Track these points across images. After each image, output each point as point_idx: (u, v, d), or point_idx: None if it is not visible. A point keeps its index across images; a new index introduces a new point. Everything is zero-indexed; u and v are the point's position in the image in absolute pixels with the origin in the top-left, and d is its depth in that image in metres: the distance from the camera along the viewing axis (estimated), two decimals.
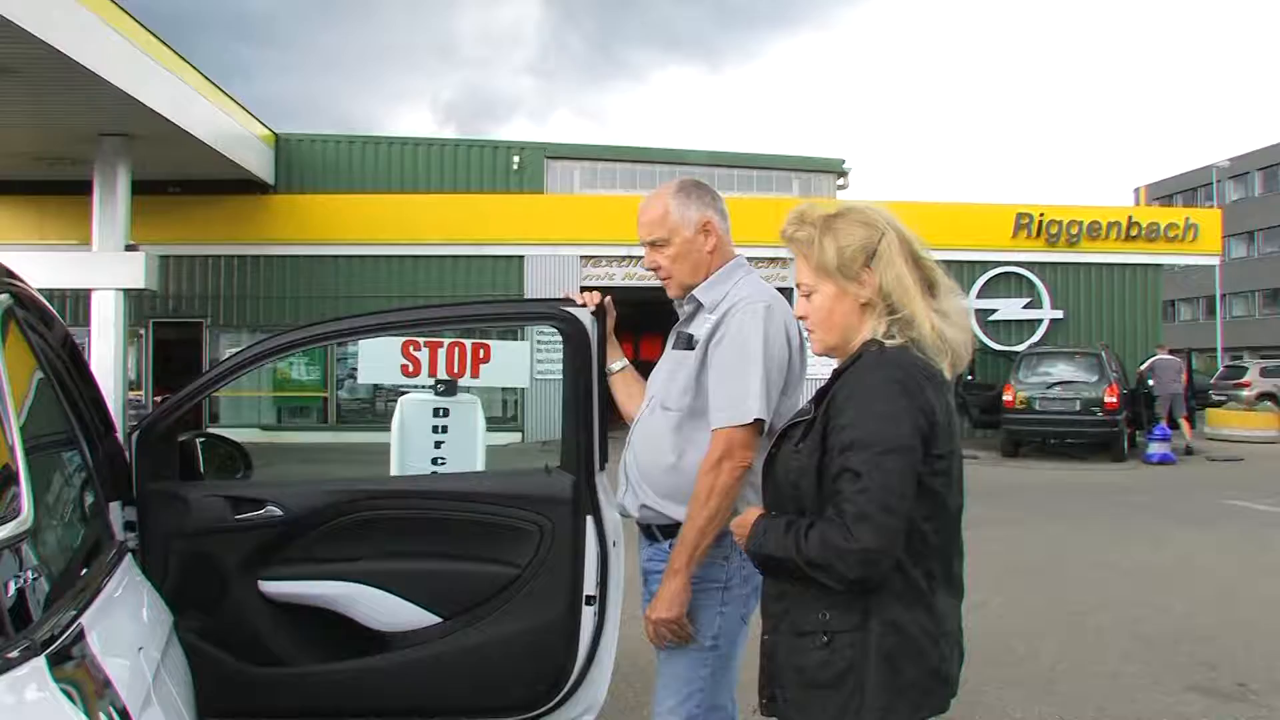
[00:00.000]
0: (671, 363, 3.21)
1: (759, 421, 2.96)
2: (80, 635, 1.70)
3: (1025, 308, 25.04)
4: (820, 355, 2.51)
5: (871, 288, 2.35)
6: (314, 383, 24.37)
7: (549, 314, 3.53)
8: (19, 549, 1.56)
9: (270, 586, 3.42)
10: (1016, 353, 22.95)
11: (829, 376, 2.38)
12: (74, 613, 1.73)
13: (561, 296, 3.55)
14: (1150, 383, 20.89)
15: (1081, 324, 25.22)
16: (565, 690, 3.43)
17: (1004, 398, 20.36)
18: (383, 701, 3.44)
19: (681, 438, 3.11)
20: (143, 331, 23.56)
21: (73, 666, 1.54)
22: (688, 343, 3.16)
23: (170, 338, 24.10)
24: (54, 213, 22.28)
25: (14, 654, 1.42)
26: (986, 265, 24.71)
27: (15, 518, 1.54)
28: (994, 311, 24.76)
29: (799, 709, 2.31)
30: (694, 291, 3.20)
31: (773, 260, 19.27)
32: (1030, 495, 14.64)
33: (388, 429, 5.60)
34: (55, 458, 2.32)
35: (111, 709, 1.57)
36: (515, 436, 22.59)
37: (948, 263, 2.52)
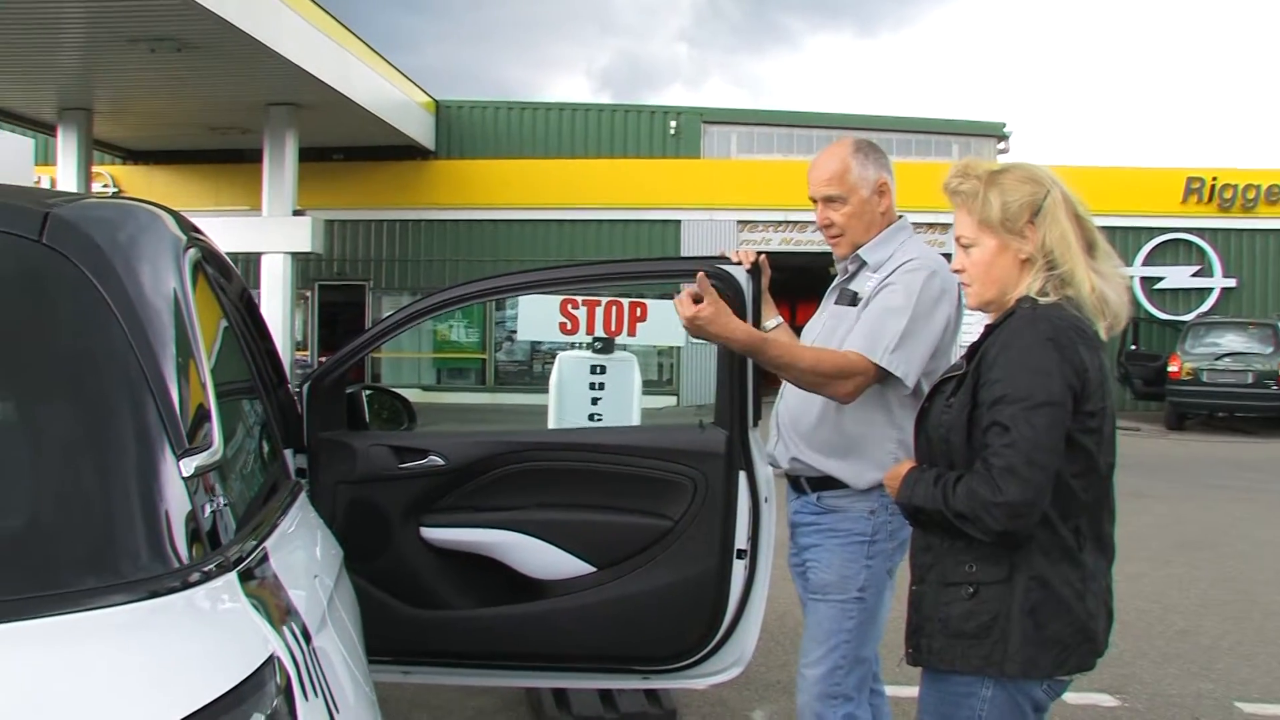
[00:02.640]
0: (831, 318, 3.23)
1: (879, 369, 2.97)
2: (265, 558, 1.84)
3: (1194, 276, 24.01)
4: (975, 309, 2.53)
5: (1034, 244, 2.35)
6: (473, 345, 24.93)
7: (704, 271, 3.56)
8: (210, 478, 1.70)
9: (431, 532, 3.54)
10: (1184, 322, 22.09)
11: (981, 332, 2.40)
12: (256, 541, 1.86)
13: (717, 255, 3.59)
14: None
15: (1256, 293, 24.06)
16: (714, 642, 3.47)
17: (1169, 368, 19.65)
18: (535, 647, 3.54)
19: None
20: (308, 294, 24.43)
21: (257, 585, 1.68)
22: (851, 299, 3.17)
23: (334, 300, 24.93)
24: (227, 180, 23.24)
25: (210, 568, 1.56)
26: (1153, 232, 23.76)
27: (209, 448, 1.68)
28: (1160, 280, 23.84)
29: (943, 658, 2.34)
30: (859, 251, 3.21)
31: (932, 225, 18.91)
32: (1195, 469, 14.12)
33: (544, 390, 5.71)
34: (238, 401, 2.48)
35: (293, 625, 1.71)
36: (670, 400, 22.75)
37: (1112, 229, 2.50)
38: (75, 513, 1.55)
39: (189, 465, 1.60)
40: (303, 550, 2.28)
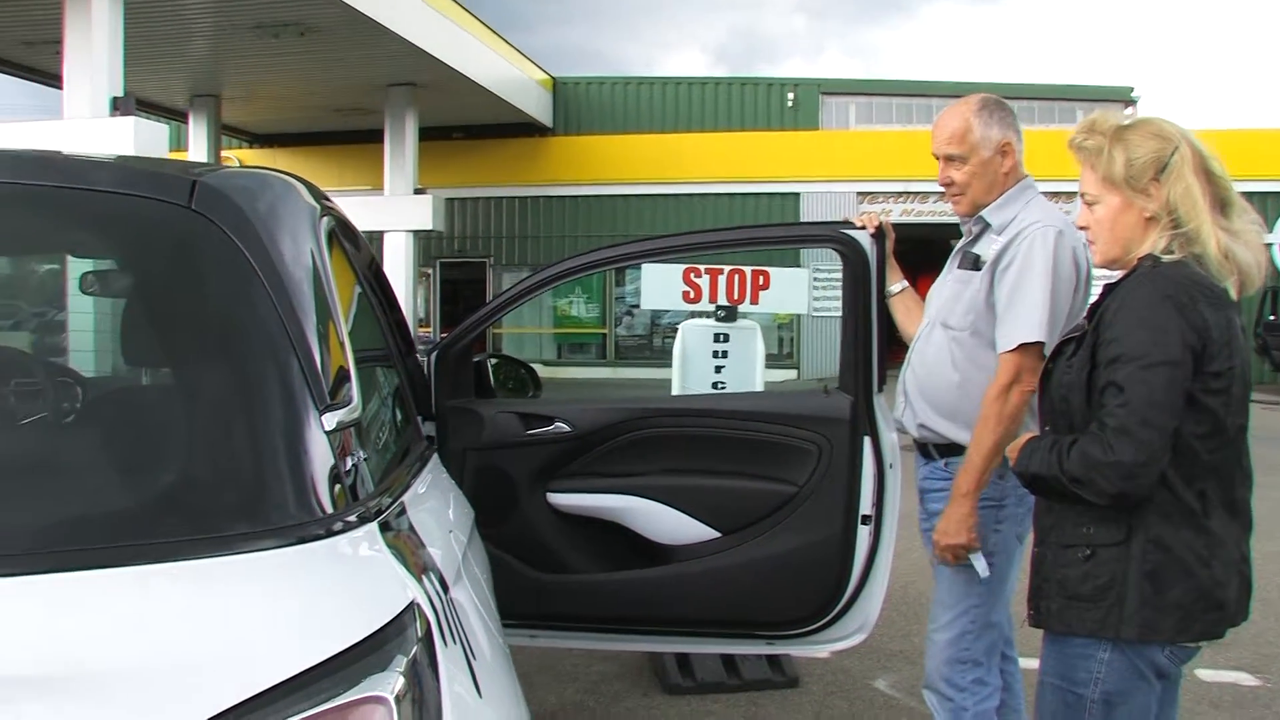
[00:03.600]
0: (956, 282, 3.19)
1: (1043, 345, 2.93)
2: (403, 511, 1.91)
3: None
4: (1100, 267, 2.51)
5: (1158, 201, 2.29)
6: (593, 319, 25.13)
7: (828, 236, 3.54)
8: (350, 434, 1.76)
9: (557, 498, 3.58)
10: None
11: (1101, 291, 2.36)
12: (393, 497, 1.93)
13: (841, 220, 3.57)
14: None
15: None
16: (839, 608, 3.47)
17: None
18: (661, 611, 3.56)
19: (963, 357, 3.11)
20: (430, 271, 24.91)
21: (395, 536, 1.74)
22: (974, 263, 3.13)
23: (456, 277, 25.38)
24: (350, 161, 23.76)
25: (353, 518, 1.63)
26: None
27: (349, 404, 1.75)
28: None
29: (1060, 620, 2.33)
30: (982, 212, 3.16)
31: (1057, 194, 18.40)
32: None
33: (665, 364, 5.74)
34: (373, 365, 2.55)
35: (431, 575, 1.77)
36: (791, 374, 22.65)
37: (1250, 195, 2.42)
38: (227, 463, 1.63)
39: (330, 420, 1.67)
40: (437, 508, 2.35)
